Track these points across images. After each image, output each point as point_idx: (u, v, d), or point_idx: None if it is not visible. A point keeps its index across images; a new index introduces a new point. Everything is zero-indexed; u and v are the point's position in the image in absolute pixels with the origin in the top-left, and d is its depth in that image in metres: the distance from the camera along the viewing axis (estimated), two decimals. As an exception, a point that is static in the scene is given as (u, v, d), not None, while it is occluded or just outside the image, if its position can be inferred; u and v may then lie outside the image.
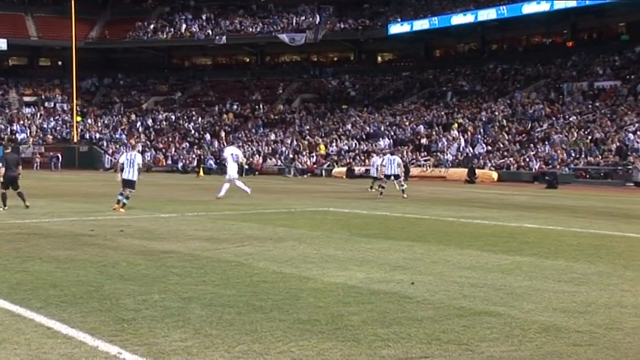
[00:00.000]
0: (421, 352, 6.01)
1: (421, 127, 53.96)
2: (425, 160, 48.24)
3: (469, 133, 50.11)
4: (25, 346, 6.08)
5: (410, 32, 63.24)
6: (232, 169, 25.19)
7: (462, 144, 48.73)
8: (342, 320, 7.04)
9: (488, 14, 57.98)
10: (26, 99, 74.88)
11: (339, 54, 75.58)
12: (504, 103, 53.91)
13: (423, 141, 51.50)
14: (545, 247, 12.60)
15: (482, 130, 50.13)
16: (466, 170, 42.03)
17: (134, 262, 10.65)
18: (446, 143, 49.59)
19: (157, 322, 6.92)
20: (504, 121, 50.59)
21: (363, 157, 50.74)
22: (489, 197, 27.79)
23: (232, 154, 26.23)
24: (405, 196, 25.71)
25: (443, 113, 55.55)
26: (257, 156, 55.96)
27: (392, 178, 26.80)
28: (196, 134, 65.67)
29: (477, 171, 41.83)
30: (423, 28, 62.11)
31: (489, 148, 47.15)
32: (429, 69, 66.52)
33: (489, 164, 44.50)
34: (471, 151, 47.48)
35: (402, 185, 26.59)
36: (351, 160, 51.23)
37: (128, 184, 19.80)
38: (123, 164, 20.03)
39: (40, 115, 72.37)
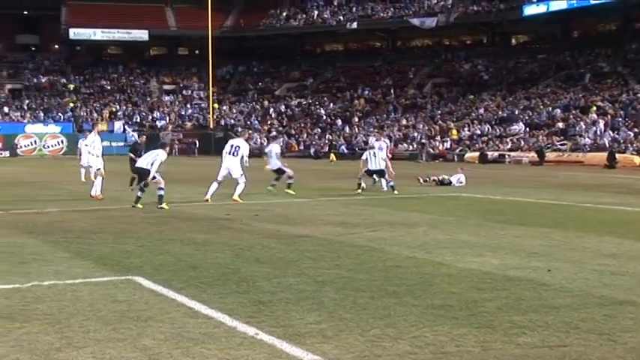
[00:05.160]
0: (559, 341, 5.87)
1: (557, 110, 52.37)
2: (561, 145, 46.82)
3: (609, 117, 48.20)
4: (169, 324, 6.34)
5: (546, 13, 61.32)
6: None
7: (601, 127, 46.93)
8: (476, 306, 6.97)
9: (631, -9, 55.41)
10: (166, 87, 77.80)
11: (471, 37, 74.21)
12: (648, 84, 51.52)
13: (560, 125, 49.99)
14: (692, 235, 12.00)
15: (622, 113, 48.13)
16: (605, 155, 40.47)
17: (269, 245, 10.88)
18: (584, 127, 47.90)
19: (291, 304, 7.06)
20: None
21: (496, 142, 49.90)
22: (631, 183, 26.59)
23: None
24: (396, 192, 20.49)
25: (580, 96, 53.66)
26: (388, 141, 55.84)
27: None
28: (328, 120, 66.21)
29: (617, 155, 40.19)
30: (560, 8, 60.10)
31: (635, 131, 45.08)
32: (566, 50, 64.23)
33: (631, 148, 42.65)
34: (611, 134, 45.65)
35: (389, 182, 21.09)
36: (484, 145, 50.36)
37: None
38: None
39: (179, 102, 74.96)
